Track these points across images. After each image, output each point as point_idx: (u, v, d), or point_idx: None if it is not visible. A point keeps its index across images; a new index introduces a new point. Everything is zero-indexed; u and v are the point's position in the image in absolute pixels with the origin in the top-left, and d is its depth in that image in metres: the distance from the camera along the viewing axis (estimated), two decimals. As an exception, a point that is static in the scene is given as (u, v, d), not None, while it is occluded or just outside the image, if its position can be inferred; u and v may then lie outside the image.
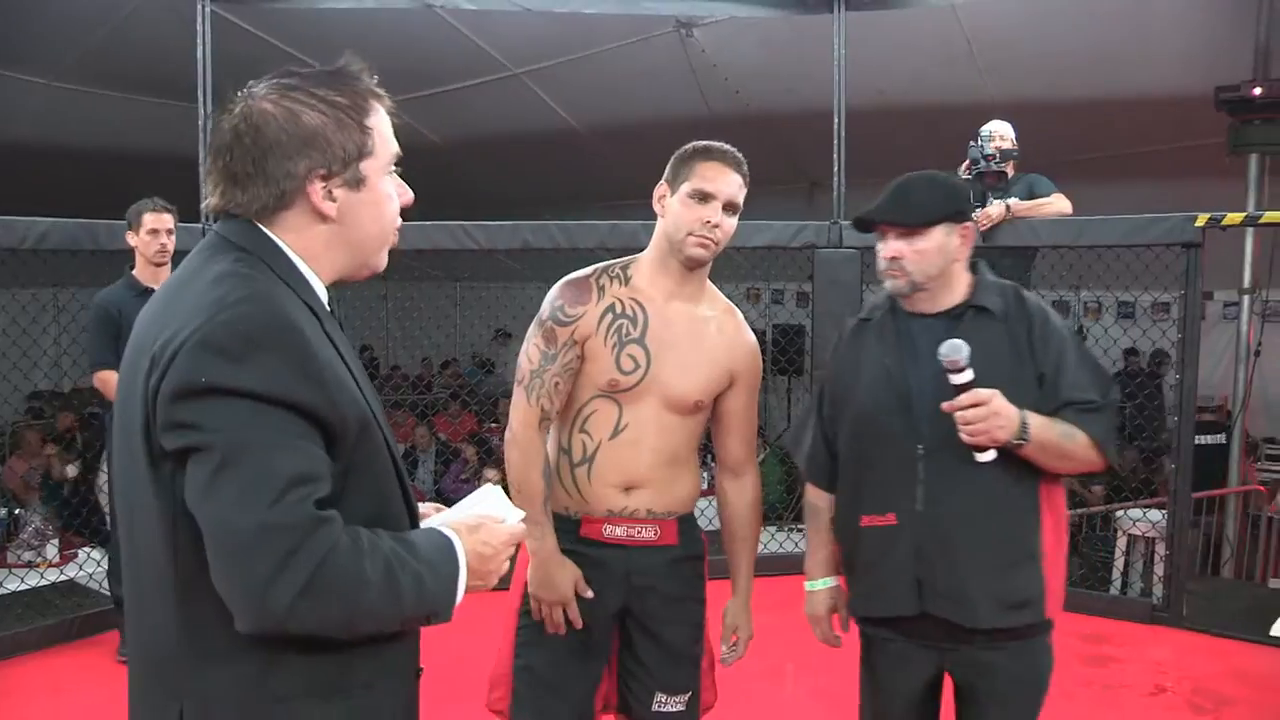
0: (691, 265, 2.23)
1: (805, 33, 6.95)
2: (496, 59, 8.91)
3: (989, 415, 2.02)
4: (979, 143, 5.16)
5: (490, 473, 7.10)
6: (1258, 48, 7.24)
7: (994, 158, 5.10)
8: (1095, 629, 4.62)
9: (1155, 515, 5.58)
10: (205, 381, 1.23)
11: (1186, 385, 4.66)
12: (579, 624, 2.23)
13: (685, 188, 2.20)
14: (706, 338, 2.28)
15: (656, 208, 2.27)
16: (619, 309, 2.23)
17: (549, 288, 2.26)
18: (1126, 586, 5.72)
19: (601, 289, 2.24)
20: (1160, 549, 5.14)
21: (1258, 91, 7.07)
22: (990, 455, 2.06)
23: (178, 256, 4.37)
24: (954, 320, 2.18)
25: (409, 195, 1.49)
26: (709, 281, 2.34)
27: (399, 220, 1.48)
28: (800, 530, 5.42)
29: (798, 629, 2.40)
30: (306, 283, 1.39)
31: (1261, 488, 8.31)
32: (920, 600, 2.16)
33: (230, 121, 1.36)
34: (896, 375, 2.20)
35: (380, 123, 1.45)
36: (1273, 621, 4.64)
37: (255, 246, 1.37)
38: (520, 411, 2.24)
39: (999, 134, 5.18)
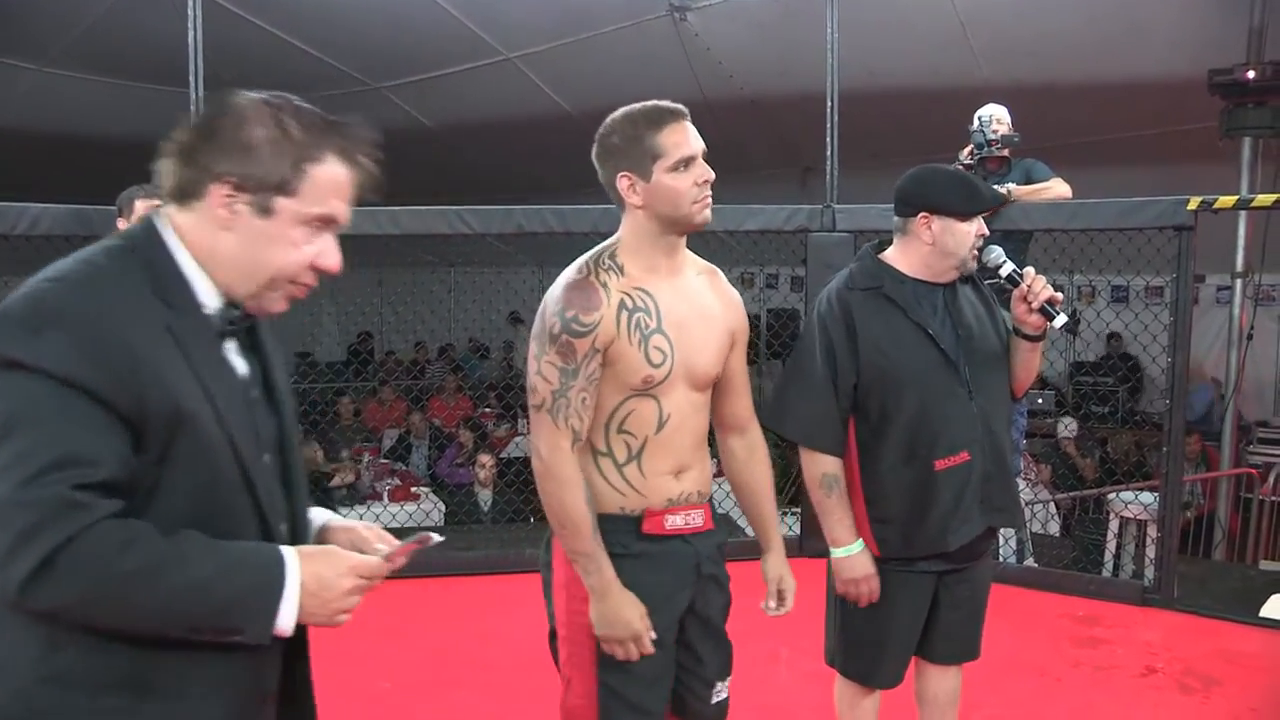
0: (695, 230, 2.16)
1: (798, 16, 6.95)
2: (490, 43, 8.90)
3: (1043, 280, 2.47)
4: (980, 127, 5.15)
5: (484, 458, 7.10)
6: (1251, 31, 7.23)
7: (997, 143, 5.10)
8: (1087, 610, 4.64)
9: (1147, 498, 5.61)
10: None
11: (1178, 369, 4.67)
12: (650, 650, 2.08)
13: (662, 164, 2.06)
14: (708, 307, 2.22)
15: (631, 199, 2.10)
16: (630, 303, 2.09)
17: (542, 272, 2.22)
18: (1118, 568, 5.75)
19: (605, 286, 2.08)
20: (1152, 531, 5.17)
21: (1251, 75, 7.08)
22: (1064, 317, 2.49)
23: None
24: (951, 287, 2.57)
25: (330, 262, 1.44)
26: None
27: (305, 275, 1.43)
28: (794, 514, 5.45)
29: (793, 612, 2.41)
30: (183, 281, 1.39)
31: (1254, 471, 8.35)
32: (985, 518, 2.56)
33: (209, 104, 1.43)
34: (937, 335, 2.50)
35: (325, 176, 1.41)
36: (1262, 603, 4.68)
37: (138, 239, 1.40)
38: (547, 437, 2.06)
39: (997, 118, 5.17)
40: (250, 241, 1.39)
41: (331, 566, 1.39)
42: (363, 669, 4.07)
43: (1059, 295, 2.48)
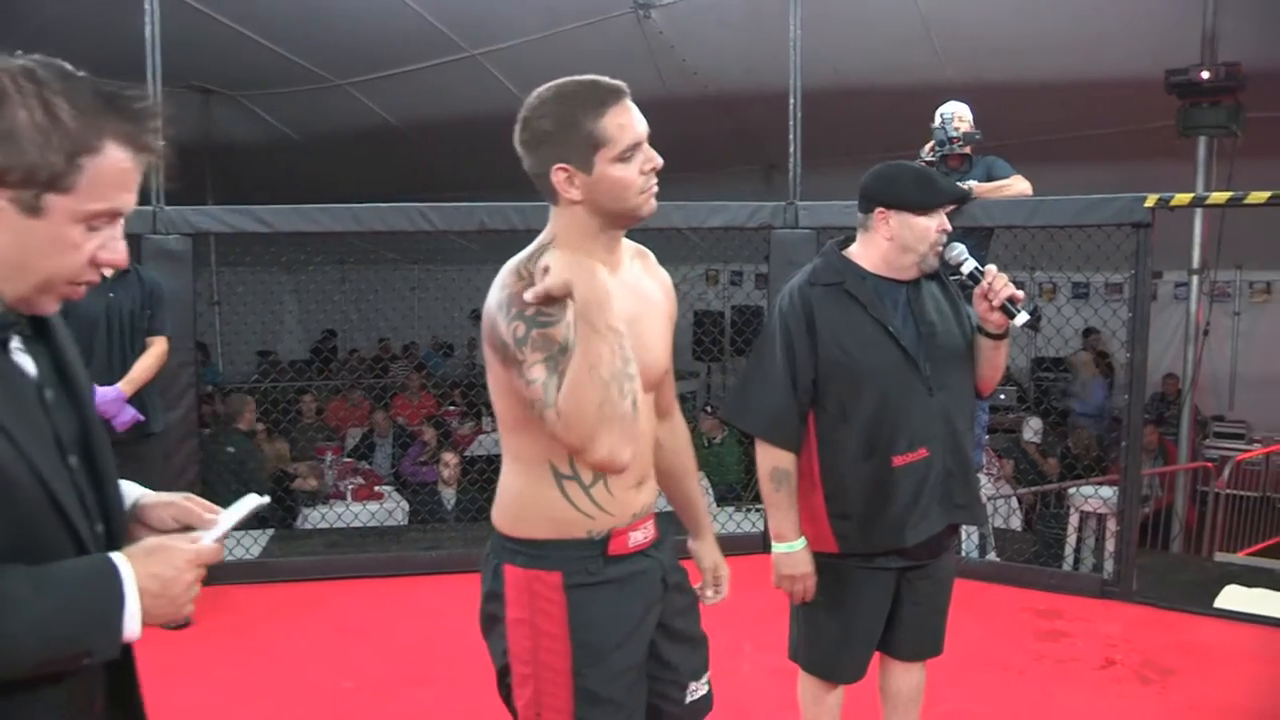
0: (640, 221, 1.93)
1: (762, 14, 6.96)
2: (453, 40, 8.85)
3: (1005, 278, 2.45)
4: (942, 124, 5.19)
5: (449, 457, 7.07)
6: (1205, 32, 7.34)
7: (959, 140, 5.14)
8: (1048, 604, 4.69)
9: (1106, 492, 5.67)
10: None
11: (1136, 364, 4.73)
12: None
13: (606, 153, 1.82)
14: (650, 294, 2.06)
15: (569, 193, 1.85)
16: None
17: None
18: (1079, 562, 5.81)
19: None
20: (1111, 525, 5.22)
21: (1205, 75, 7.19)
22: (1025, 315, 2.47)
23: (127, 239, 4.31)
24: (914, 283, 2.57)
25: (114, 255, 1.29)
26: None
27: (86, 273, 1.28)
28: (758, 510, 5.46)
29: (757, 608, 2.42)
30: None
31: (1209, 464, 8.48)
32: (945, 515, 2.56)
33: None
34: (897, 331, 2.50)
35: (106, 168, 1.22)
36: (1217, 594, 4.74)
37: None
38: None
39: (959, 115, 5.21)
40: (18, 243, 1.21)
41: (168, 564, 1.28)
42: (324, 669, 4.04)
43: (1020, 293, 2.47)
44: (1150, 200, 4.54)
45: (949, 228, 2.53)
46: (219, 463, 6.52)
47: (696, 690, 2.18)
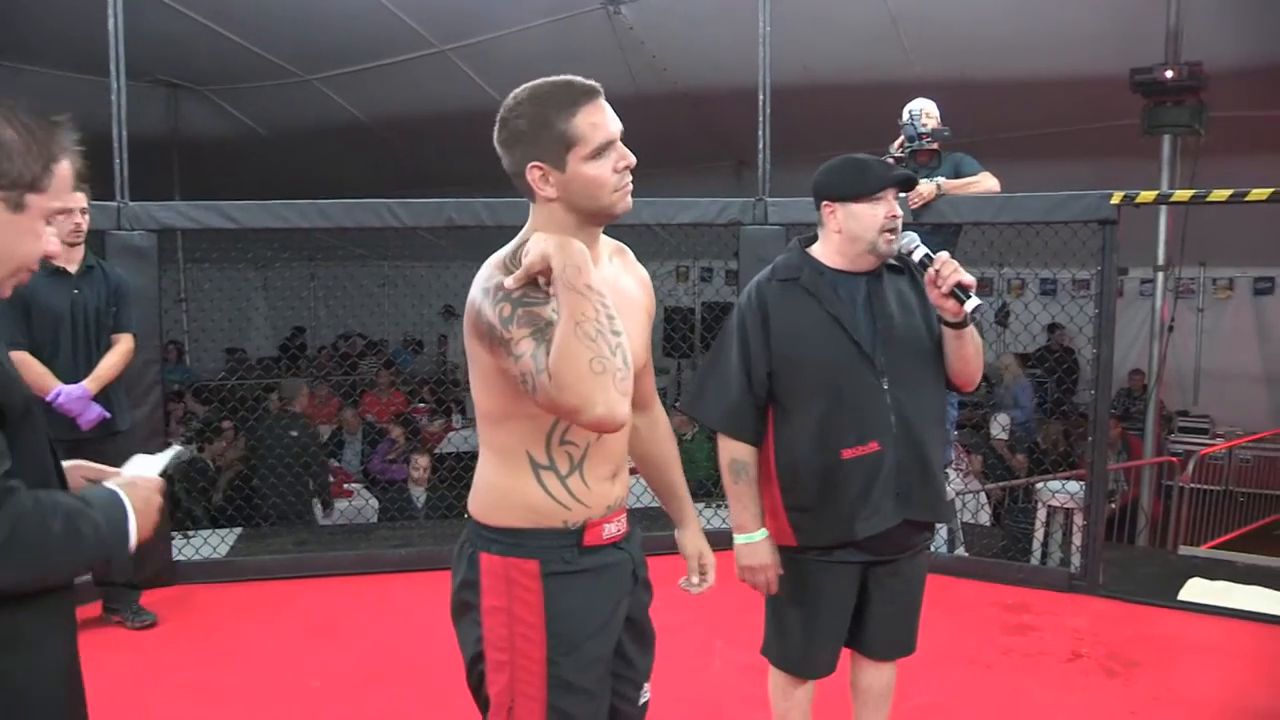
0: (614, 220, 1.97)
1: (731, 10, 6.96)
2: (423, 35, 8.81)
3: (955, 263, 2.43)
4: (910, 120, 5.22)
5: (419, 459, 7.01)
6: (1168, 32, 7.42)
7: (928, 136, 5.17)
8: (1017, 598, 4.73)
9: (1074, 487, 5.72)
10: None
11: (1103, 360, 4.77)
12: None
13: (579, 151, 1.85)
14: (628, 290, 2.09)
15: (544, 190, 1.89)
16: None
17: (477, 266, 1.94)
18: (1046, 556, 5.86)
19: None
20: (1078, 519, 5.27)
21: (1169, 74, 7.27)
22: (977, 300, 2.44)
23: (91, 236, 4.25)
24: (876, 277, 2.57)
25: (53, 248, 1.58)
26: None
27: (35, 263, 1.57)
28: (726, 505, 5.47)
29: (728, 604, 2.42)
30: None
31: (1174, 459, 8.58)
32: (900, 510, 2.53)
33: None
34: (850, 325, 2.51)
35: (64, 173, 1.55)
36: (1181, 586, 4.80)
37: None
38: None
39: (926, 112, 5.25)
40: (2, 235, 1.50)
41: (144, 490, 1.68)
42: (292, 668, 4.01)
43: (970, 279, 2.45)
44: (1116, 197, 4.59)
45: (898, 213, 2.53)
46: (282, 446, 6.55)
47: (646, 692, 2.22)
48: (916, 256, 2.53)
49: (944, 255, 2.46)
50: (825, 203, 2.55)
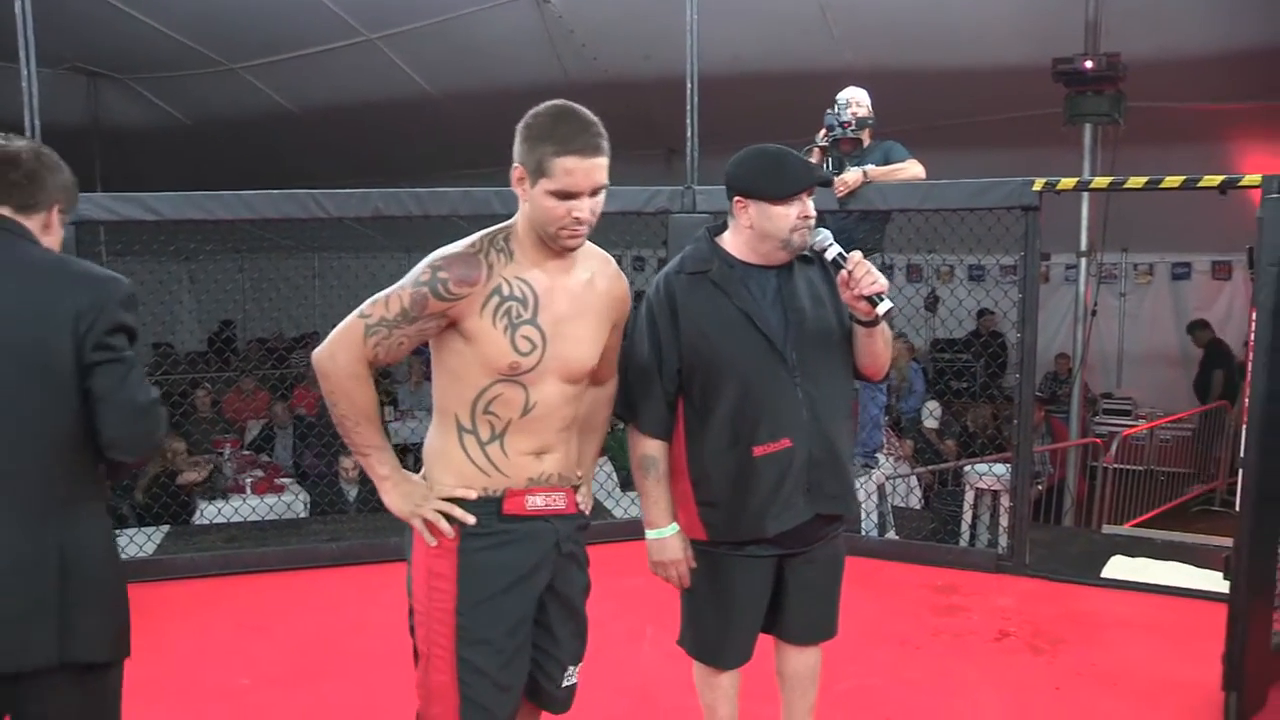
0: (566, 253, 2.14)
1: (660, -1, 6.95)
2: (351, 24, 8.68)
3: (868, 266, 2.39)
4: (835, 110, 5.27)
5: (348, 461, 6.91)
6: (1088, 23, 7.57)
7: (850, 125, 5.21)
8: (946, 580, 4.80)
9: (1000, 469, 5.82)
10: None
11: (1027, 344, 4.86)
12: (468, 520, 2.11)
13: (546, 184, 2.04)
14: (592, 302, 2.21)
15: (519, 191, 2.11)
16: (506, 290, 2.10)
17: (408, 258, 2.14)
18: (975, 538, 5.95)
19: (490, 267, 2.09)
20: (1005, 501, 5.36)
21: (1089, 65, 7.43)
22: (889, 303, 2.41)
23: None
24: (787, 270, 2.52)
25: None
26: None
27: None
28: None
29: (658, 593, 2.44)
30: None
31: (1098, 440, 8.77)
32: (811, 505, 2.50)
33: None
34: (761, 321, 2.46)
35: None
36: (1104, 564, 4.92)
37: None
38: (352, 346, 2.10)
39: (855, 101, 5.29)
40: None
41: None
42: (221, 666, 3.95)
43: (883, 285, 2.39)
44: (1037, 184, 4.67)
45: (811, 213, 2.47)
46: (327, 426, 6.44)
47: (570, 676, 2.32)
48: (830, 255, 2.47)
49: (857, 256, 2.41)
50: (738, 198, 2.49)
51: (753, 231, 2.48)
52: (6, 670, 1.91)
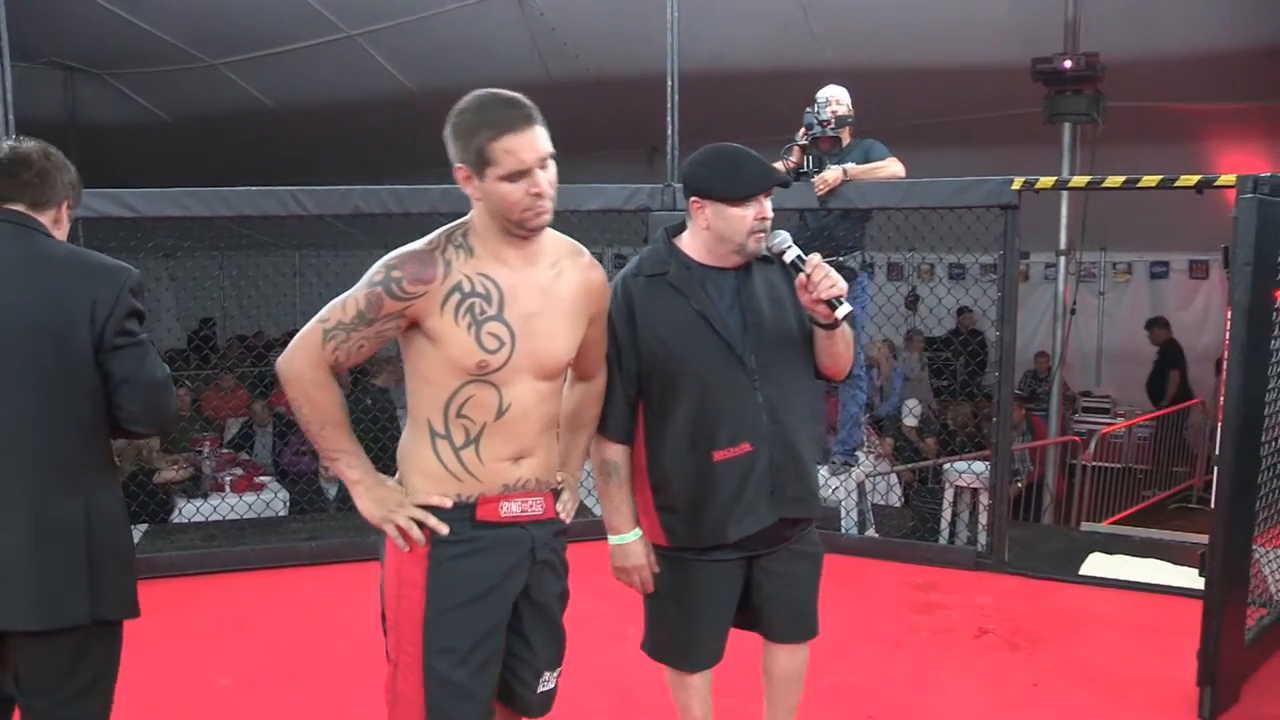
0: (535, 234, 2.09)
1: (643, -3, 6.95)
2: (331, 21, 8.65)
3: (826, 269, 2.36)
4: (815, 108, 5.28)
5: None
6: (1067, 23, 7.61)
7: (829, 123, 5.22)
8: (925, 578, 4.82)
9: (980, 467, 5.84)
10: None
11: (1005, 342, 4.88)
12: (441, 530, 2.07)
13: (494, 171, 1.99)
14: (562, 295, 2.16)
15: (469, 190, 2.06)
16: (468, 287, 2.04)
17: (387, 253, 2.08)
18: (954, 536, 5.98)
19: (448, 264, 2.04)
20: (984, 499, 5.39)
21: (1068, 64, 7.48)
22: (848, 307, 2.38)
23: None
24: (746, 271, 2.48)
25: None
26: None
27: None
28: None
29: (639, 594, 2.43)
30: None
31: (1077, 438, 8.82)
32: (775, 509, 2.47)
33: None
34: (719, 324, 2.43)
35: None
36: (1083, 562, 4.95)
37: None
38: (311, 351, 2.06)
39: (835, 99, 5.30)
40: None
41: None
42: (200, 665, 3.93)
43: (842, 288, 2.37)
44: (1017, 183, 4.69)
45: (769, 214, 2.42)
46: (357, 412, 6.41)
47: (547, 681, 2.28)
48: (788, 258, 2.44)
49: (815, 259, 2.38)
50: (695, 199, 2.44)
51: (709, 233, 2.44)
52: (49, 626, 2.11)
